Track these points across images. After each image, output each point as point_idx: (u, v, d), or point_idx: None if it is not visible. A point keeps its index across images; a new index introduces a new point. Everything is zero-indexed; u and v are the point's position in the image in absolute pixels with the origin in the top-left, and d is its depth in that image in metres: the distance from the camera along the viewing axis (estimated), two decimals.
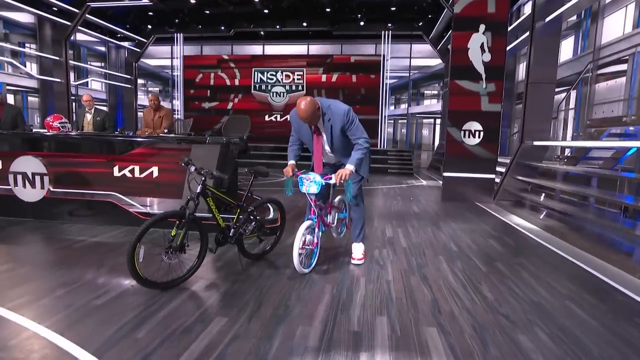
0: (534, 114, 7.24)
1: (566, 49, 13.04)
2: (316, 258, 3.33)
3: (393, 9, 14.61)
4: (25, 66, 15.91)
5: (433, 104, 21.95)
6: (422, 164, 16.90)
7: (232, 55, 17.52)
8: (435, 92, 22.54)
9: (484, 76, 7.09)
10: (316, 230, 3.24)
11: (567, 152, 8.46)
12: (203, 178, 2.91)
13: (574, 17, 12.00)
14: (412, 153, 14.96)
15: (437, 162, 13.72)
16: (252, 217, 3.36)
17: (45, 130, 5.54)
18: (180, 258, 2.88)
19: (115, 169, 4.86)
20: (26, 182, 4.83)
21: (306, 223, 3.16)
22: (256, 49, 18.68)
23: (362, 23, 16.09)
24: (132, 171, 4.85)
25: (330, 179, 3.15)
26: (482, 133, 7.18)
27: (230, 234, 3.17)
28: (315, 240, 3.25)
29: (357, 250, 3.60)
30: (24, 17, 15.03)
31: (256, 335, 2.21)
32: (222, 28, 16.81)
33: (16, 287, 2.82)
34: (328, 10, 15.10)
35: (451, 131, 7.28)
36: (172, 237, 2.80)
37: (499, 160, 7.73)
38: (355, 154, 3.14)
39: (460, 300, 2.78)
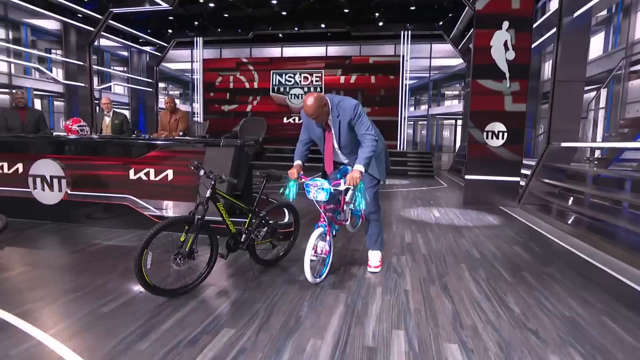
0: (561, 113, 6.90)
1: (596, 45, 12.50)
2: (328, 267, 3.18)
3: (412, 8, 14.36)
4: (51, 71, 16.38)
5: (454, 105, 21.49)
6: (443, 166, 16.51)
7: (251, 58, 17.59)
8: (457, 92, 22.08)
9: (507, 75, 6.81)
10: (328, 237, 3.10)
11: (598, 153, 8.05)
12: (212, 182, 2.82)
13: (604, 12, 11.49)
14: (433, 155, 14.63)
15: (459, 164, 13.36)
16: (264, 222, 3.25)
17: (65, 134, 5.61)
18: (189, 264, 2.80)
19: (131, 171, 4.85)
20: (45, 185, 4.87)
21: (317, 231, 3.02)
22: (275, 52, 18.71)
23: (380, 23, 15.90)
24: (147, 174, 4.82)
25: (340, 185, 3.02)
26: (505, 134, 6.89)
27: (242, 240, 3.07)
28: (328, 248, 3.11)
29: (374, 257, 3.43)
30: (51, 24, 15.48)
31: (264, 349, 2.09)
32: (241, 31, 16.91)
33: (27, 291, 2.79)
34: (346, 11, 14.97)
35: (473, 132, 7.02)
36: (181, 242, 2.72)
37: (524, 162, 7.41)
38: (362, 153, 2.94)
39: (484, 314, 2.59)
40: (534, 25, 8.75)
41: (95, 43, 14.75)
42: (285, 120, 16.09)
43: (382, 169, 3.32)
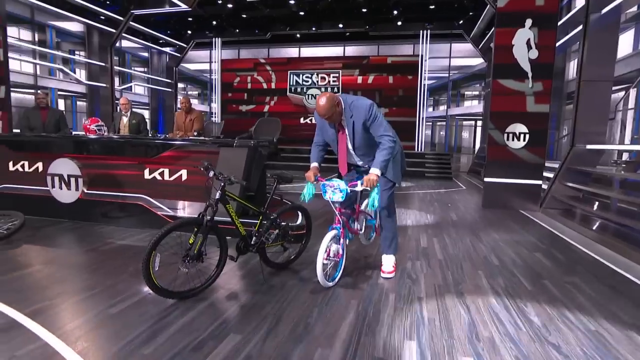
0: (587, 114, 6.63)
1: (625, 43, 12.00)
2: (341, 270, 3.11)
3: (432, 7, 14.12)
4: (74, 72, 16.79)
5: (474, 105, 21.07)
6: (462, 168, 16.18)
7: (269, 59, 17.64)
8: (476, 92, 21.64)
9: (530, 74, 6.58)
10: (341, 240, 3.03)
11: (626, 156, 7.71)
12: (222, 184, 2.77)
13: (634, 8, 11.02)
14: (451, 156, 14.35)
15: (478, 166, 13.06)
16: (275, 224, 3.19)
17: (84, 133, 5.69)
18: (198, 267, 2.77)
19: (146, 171, 4.87)
20: (62, 183, 4.95)
21: (331, 233, 2.95)
22: (292, 52, 18.72)
23: (399, 23, 15.70)
24: (162, 174, 4.84)
25: (356, 186, 2.95)
26: (527, 135, 6.66)
27: (252, 242, 3.02)
28: (341, 252, 3.04)
29: (388, 262, 3.33)
30: (75, 26, 15.88)
31: (270, 357, 2.03)
32: (259, 32, 16.97)
33: (39, 290, 2.81)
34: (364, 10, 14.84)
35: (493, 134, 6.81)
36: (190, 244, 2.68)
37: (547, 164, 7.15)
38: (379, 156, 2.89)
39: (502, 325, 2.46)
40: (559, 23, 8.45)
41: (117, 44, 15.05)
42: (302, 120, 16.06)
43: (397, 171, 3.24)
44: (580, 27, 7.08)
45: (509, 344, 2.24)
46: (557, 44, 8.13)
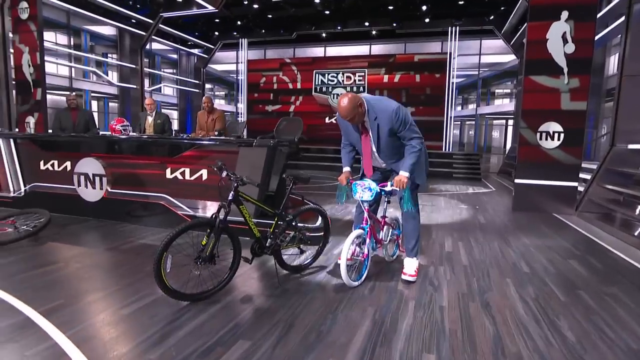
0: (629, 112, 6.20)
1: None
2: (367, 271, 3.07)
3: (461, 2, 13.69)
4: (107, 75, 17.36)
5: (505, 104, 20.33)
6: (492, 168, 15.62)
7: (294, 58, 17.64)
8: (508, 90, 20.87)
9: (565, 70, 6.21)
10: (367, 240, 2.99)
11: None
12: (235, 184, 2.71)
13: None
14: (480, 157, 13.87)
15: (509, 166, 12.55)
16: (291, 226, 3.10)
17: (110, 133, 5.80)
18: (212, 269, 2.71)
19: (168, 171, 4.90)
20: (88, 182, 5.05)
21: (356, 232, 2.91)
22: (318, 51, 18.65)
23: (427, 20, 15.32)
24: (182, 173, 4.86)
25: (386, 186, 2.96)
26: (562, 135, 6.29)
27: (267, 244, 2.94)
28: (366, 252, 3.01)
29: (410, 265, 3.19)
30: (107, 30, 16.42)
31: None
32: (284, 31, 17.00)
33: (56, 288, 2.83)
34: (391, 8, 14.57)
35: (525, 133, 6.48)
36: (202, 246, 2.63)
37: (583, 165, 6.74)
38: (409, 158, 2.88)
39: (531, 340, 2.27)
40: (598, 15, 7.96)
41: (147, 47, 15.46)
42: (327, 120, 15.97)
43: (421, 172, 3.12)
44: (622, 18, 6.64)
45: None
46: (596, 38, 7.67)
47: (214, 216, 2.63)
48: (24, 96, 9.43)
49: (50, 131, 8.84)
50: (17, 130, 9.55)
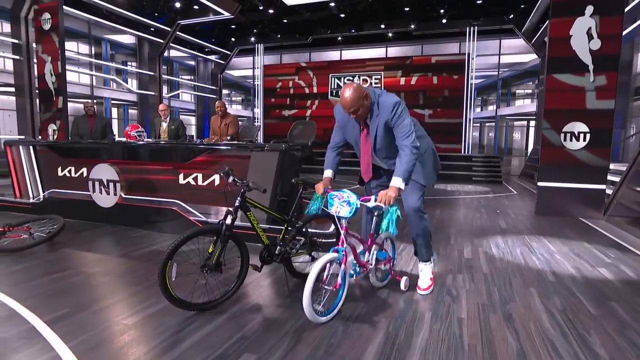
0: None
1: None
2: (340, 304, 2.51)
3: (479, 2, 13.42)
4: (127, 82, 17.73)
5: (526, 105, 19.78)
6: (513, 171, 15.19)
7: (310, 62, 17.63)
8: (529, 91, 20.32)
9: (591, 67, 5.93)
10: (343, 266, 2.47)
11: None
12: (242, 190, 2.62)
13: None
14: (501, 159, 13.49)
15: (531, 169, 12.16)
16: (301, 233, 2.99)
17: (125, 139, 5.84)
18: (220, 277, 2.63)
19: (180, 176, 4.88)
20: (102, 188, 5.08)
21: (329, 255, 2.41)
22: (334, 55, 18.61)
23: (444, 21, 15.08)
24: (195, 179, 4.83)
25: (369, 201, 2.51)
26: (588, 135, 6.00)
27: (276, 252, 2.84)
28: (340, 281, 2.46)
29: (424, 275, 2.98)
30: (127, 38, 16.78)
31: None
32: (300, 36, 17.03)
33: (63, 296, 2.79)
34: (407, 9, 14.40)
35: (548, 134, 6.21)
36: (209, 254, 2.55)
37: (612, 167, 6.41)
38: (401, 164, 2.50)
39: (559, 357, 2.09)
40: (626, 9, 7.62)
41: (165, 54, 15.72)
42: None
43: (428, 171, 2.86)
44: None
45: None
46: (624, 33, 7.32)
47: (220, 222, 2.54)
48: (47, 104, 9.66)
49: (69, 138, 9.02)
50: (39, 137, 9.80)
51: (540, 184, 6.36)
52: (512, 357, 2.09)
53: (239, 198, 2.60)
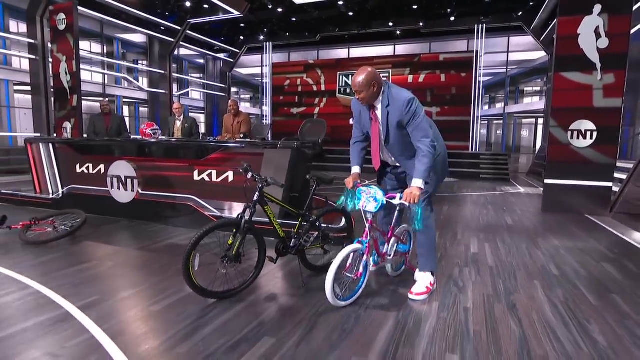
0: None
1: None
2: (360, 292, 2.72)
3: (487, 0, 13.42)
4: (138, 81, 18.00)
5: (534, 102, 19.71)
6: (521, 168, 15.19)
7: (318, 60, 17.74)
8: (537, 88, 20.24)
9: (599, 66, 5.99)
10: (365, 257, 2.65)
11: None
12: (260, 185, 2.77)
13: None
14: (509, 157, 13.52)
15: (539, 167, 12.18)
16: (315, 227, 3.14)
17: (140, 137, 6.03)
18: (239, 268, 2.79)
19: (195, 173, 5.05)
20: (120, 184, 5.27)
21: (354, 245, 2.59)
22: (342, 53, 18.70)
23: (452, 18, 15.09)
24: (209, 175, 4.99)
25: (394, 198, 2.62)
26: (595, 133, 6.06)
27: (291, 244, 2.99)
28: (362, 270, 2.65)
29: (421, 281, 2.87)
30: (138, 37, 17.03)
31: None
32: (308, 34, 17.15)
33: (91, 285, 2.98)
34: (415, 7, 14.44)
35: (555, 132, 6.28)
36: (229, 245, 2.71)
37: (619, 165, 6.47)
38: (420, 165, 2.53)
39: (560, 343, 2.22)
40: (635, 7, 7.63)
41: (175, 53, 15.93)
42: (351, 121, 15.89)
43: (434, 178, 2.82)
44: None
45: None
46: (633, 31, 7.34)
47: (239, 216, 2.70)
48: (62, 102, 9.91)
49: (85, 135, 9.25)
50: (54, 135, 10.05)
51: (547, 181, 6.44)
52: (515, 343, 2.22)
53: (257, 193, 2.76)
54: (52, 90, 10.55)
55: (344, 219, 4.01)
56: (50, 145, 6.08)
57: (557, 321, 2.49)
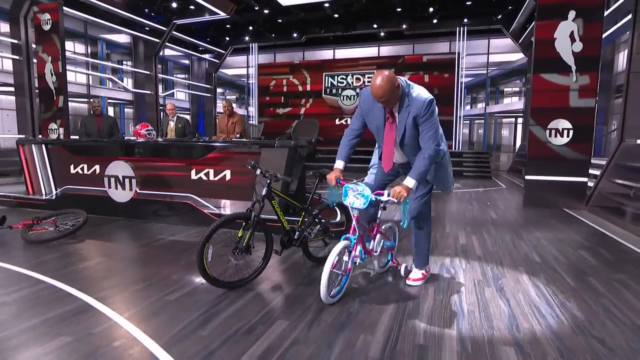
0: (637, 108, 6.33)
1: None
2: (344, 288, 2.74)
3: (469, 3, 13.85)
4: (122, 81, 17.82)
5: (514, 102, 20.35)
6: (502, 166, 15.73)
7: (304, 61, 17.91)
8: (517, 89, 20.91)
9: (574, 68, 6.37)
10: (353, 253, 2.70)
11: None
12: (268, 181, 2.95)
13: None
14: (490, 155, 13.99)
15: (519, 164, 12.66)
16: (317, 220, 3.34)
17: (135, 137, 6.10)
18: (246, 259, 2.96)
19: (193, 172, 5.18)
20: (118, 184, 5.35)
21: (343, 243, 2.63)
22: (327, 54, 18.91)
23: (435, 20, 15.49)
24: (207, 174, 5.13)
25: (382, 195, 2.65)
26: (571, 131, 6.45)
27: (295, 237, 3.18)
28: (350, 266, 2.71)
29: (416, 271, 3.08)
30: (122, 38, 16.86)
31: (316, 342, 2.17)
32: (294, 35, 17.30)
33: (104, 279, 3.10)
34: (399, 10, 14.78)
35: (535, 130, 6.64)
36: (239, 238, 2.88)
37: (593, 161, 6.88)
38: (419, 164, 2.55)
39: (544, 318, 2.47)
40: (606, 13, 8.09)
41: (160, 53, 15.85)
42: (337, 122, 16.20)
43: (444, 177, 2.94)
44: (630, 16, 6.78)
45: (551, 336, 2.26)
46: (605, 35, 7.80)
47: (249, 210, 2.87)
48: (47, 104, 9.82)
49: (75, 137, 9.20)
50: (40, 136, 9.95)
51: (527, 177, 6.80)
52: (504, 319, 2.47)
53: (265, 188, 2.94)
54: (37, 91, 10.42)
55: (339, 214, 4.22)
56: (43, 146, 6.09)
57: (540, 300, 2.75)
